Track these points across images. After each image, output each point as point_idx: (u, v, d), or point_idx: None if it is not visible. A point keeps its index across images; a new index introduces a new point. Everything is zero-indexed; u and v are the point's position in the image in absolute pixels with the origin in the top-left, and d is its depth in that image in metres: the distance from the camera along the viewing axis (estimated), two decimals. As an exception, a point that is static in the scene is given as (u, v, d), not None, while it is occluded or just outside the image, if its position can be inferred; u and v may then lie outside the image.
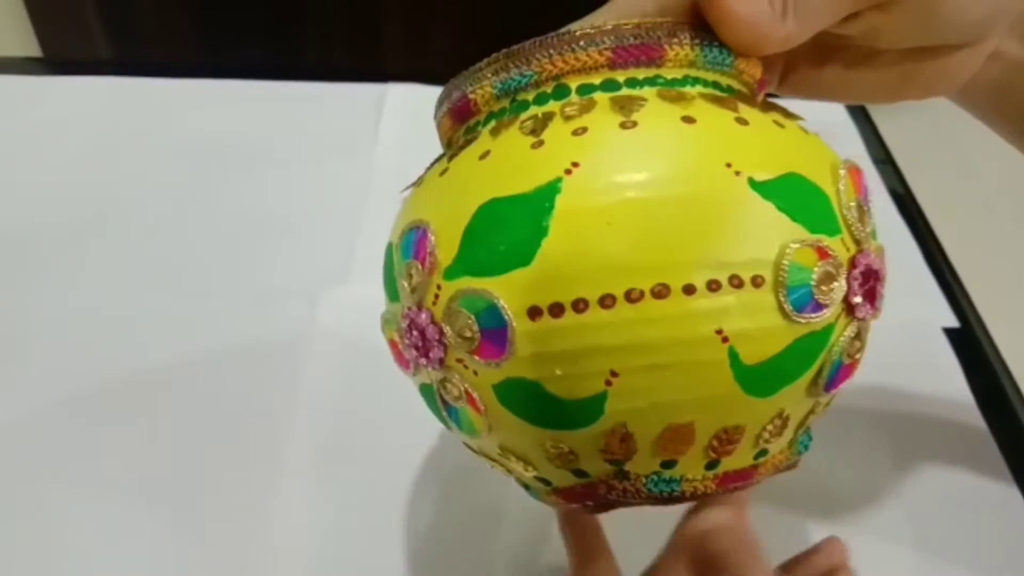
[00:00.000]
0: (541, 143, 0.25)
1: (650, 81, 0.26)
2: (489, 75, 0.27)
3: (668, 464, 0.26)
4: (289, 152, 0.63)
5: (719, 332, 0.24)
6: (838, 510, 0.42)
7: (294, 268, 0.54)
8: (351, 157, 0.62)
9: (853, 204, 0.26)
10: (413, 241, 0.26)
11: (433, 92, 0.30)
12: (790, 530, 0.41)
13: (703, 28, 0.27)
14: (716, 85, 0.27)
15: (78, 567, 0.39)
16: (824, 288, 0.24)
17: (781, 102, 0.29)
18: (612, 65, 0.26)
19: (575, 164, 0.24)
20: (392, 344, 0.29)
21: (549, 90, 0.27)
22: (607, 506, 0.28)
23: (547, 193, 0.24)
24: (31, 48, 1.25)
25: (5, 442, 0.43)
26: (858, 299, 0.25)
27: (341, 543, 0.40)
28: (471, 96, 0.28)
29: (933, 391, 0.48)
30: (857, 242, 0.26)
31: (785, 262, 0.24)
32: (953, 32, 0.30)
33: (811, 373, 0.25)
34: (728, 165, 0.24)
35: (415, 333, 0.26)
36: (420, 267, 0.26)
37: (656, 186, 0.24)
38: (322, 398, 0.46)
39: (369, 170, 0.60)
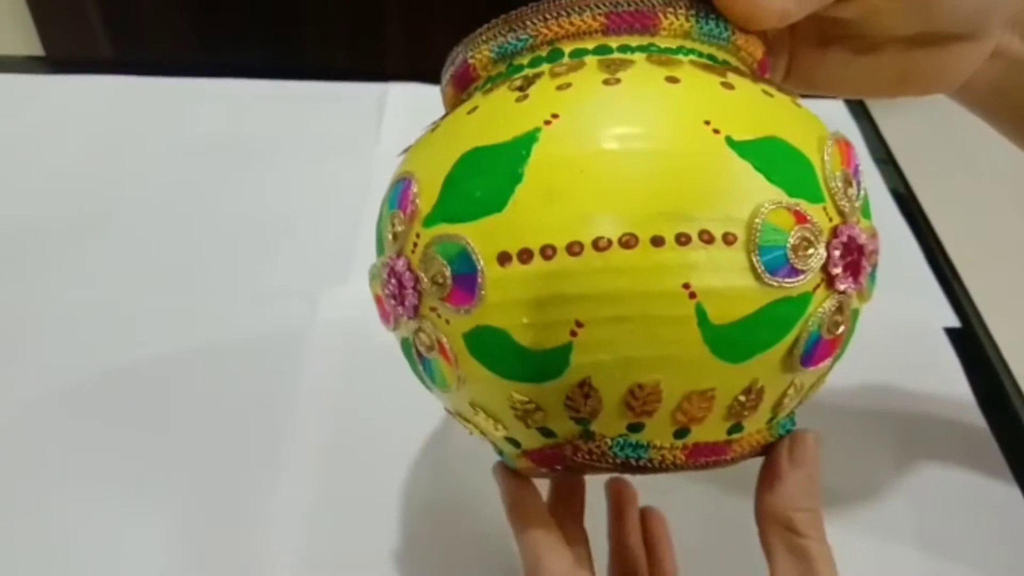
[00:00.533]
0: (526, 97, 0.25)
1: (643, 48, 0.27)
2: (487, 40, 0.28)
3: (635, 427, 0.26)
4: (291, 151, 0.63)
5: (686, 287, 0.23)
6: (840, 509, 0.42)
7: (295, 267, 0.54)
8: (353, 156, 0.62)
9: (839, 174, 0.25)
10: (398, 193, 0.27)
11: (435, 91, 0.30)
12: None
13: (704, 1, 0.27)
14: (711, 57, 0.27)
15: (78, 562, 0.39)
16: (800, 253, 0.24)
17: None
18: (606, 31, 0.27)
19: (555, 116, 0.25)
20: (377, 300, 0.30)
21: (544, 54, 0.27)
22: (576, 470, 0.28)
23: (525, 142, 0.24)
24: (33, 47, 1.25)
25: (5, 438, 0.43)
26: (838, 270, 0.25)
27: (341, 541, 0.40)
28: (471, 61, 0.28)
29: (934, 391, 0.48)
30: (841, 213, 0.25)
31: (758, 221, 0.24)
32: (948, 18, 0.30)
33: (786, 343, 0.25)
34: (707, 123, 0.24)
35: (393, 281, 0.27)
36: (402, 215, 0.26)
37: (632, 139, 0.24)
38: (323, 396, 0.46)
39: (370, 169, 0.60)
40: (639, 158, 0.24)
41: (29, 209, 0.57)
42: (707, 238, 0.23)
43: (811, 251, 0.24)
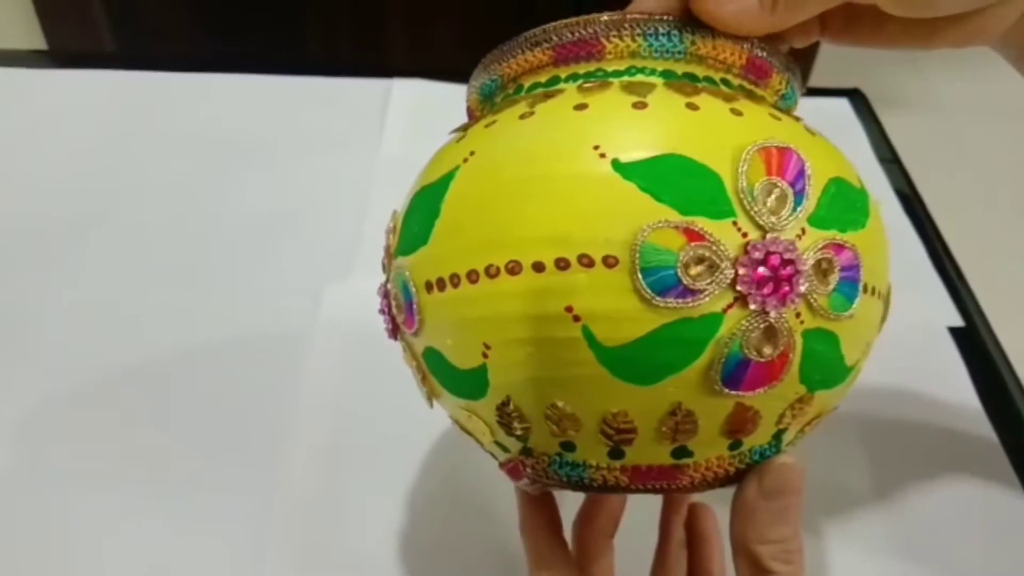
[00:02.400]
0: (463, 137, 0.28)
1: (589, 75, 0.27)
2: (474, 82, 0.30)
3: (567, 446, 0.27)
4: (294, 147, 0.63)
5: (569, 310, 0.24)
6: (841, 507, 0.42)
7: (298, 263, 0.54)
8: (356, 152, 0.62)
9: (759, 186, 0.24)
10: (387, 230, 0.30)
11: (438, 87, 0.30)
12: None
13: (664, 16, 0.28)
14: (667, 73, 0.27)
15: (78, 561, 0.39)
16: (693, 272, 0.24)
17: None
18: (555, 63, 0.28)
19: (472, 153, 0.27)
20: None
21: (511, 91, 0.29)
22: (545, 485, 0.28)
23: (446, 180, 0.27)
24: (36, 41, 1.25)
25: (6, 436, 0.43)
26: (751, 288, 0.24)
27: (341, 539, 0.40)
28: (468, 104, 0.31)
29: (938, 390, 0.48)
30: (760, 227, 0.24)
31: (638, 243, 0.24)
32: (956, 5, 0.29)
33: (700, 365, 0.24)
34: (596, 147, 0.25)
35: (383, 303, 0.30)
36: (386, 250, 0.30)
37: (523, 166, 0.25)
38: (324, 393, 0.46)
39: (374, 165, 0.60)
40: (528, 186, 0.25)
41: (30, 205, 0.57)
42: (587, 262, 0.24)
43: (711, 270, 0.24)
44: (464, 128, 0.29)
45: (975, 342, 0.52)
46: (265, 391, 0.46)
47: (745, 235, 0.24)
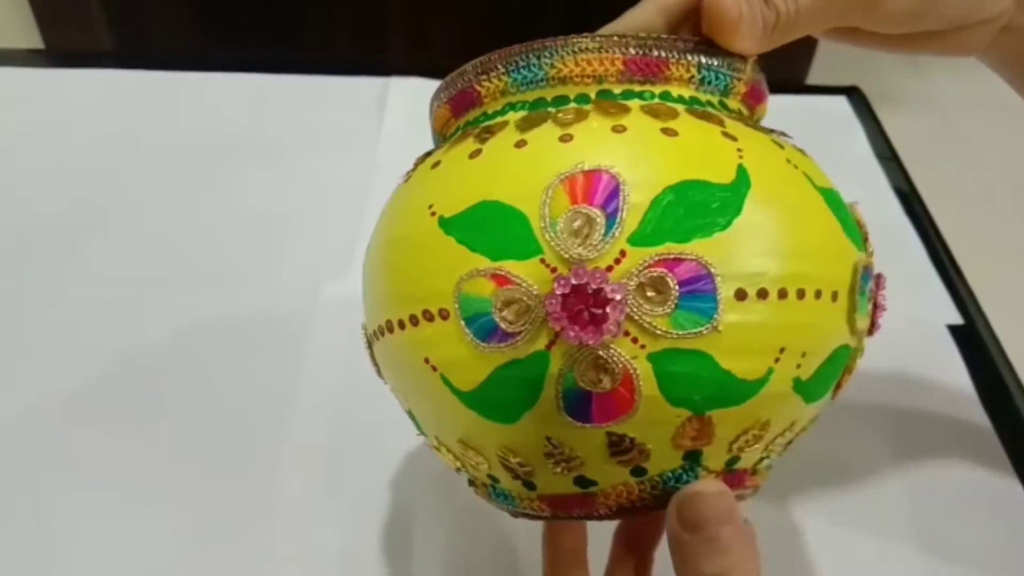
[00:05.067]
0: (410, 177, 0.30)
1: (474, 122, 0.28)
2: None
3: (492, 478, 0.28)
4: (292, 145, 0.63)
5: (427, 361, 0.26)
6: (841, 505, 0.42)
7: (297, 261, 0.54)
8: (354, 150, 0.62)
9: (563, 218, 0.24)
10: None
11: (436, 86, 0.30)
12: (793, 525, 0.41)
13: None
14: (536, 103, 0.27)
15: (77, 560, 0.39)
16: (508, 316, 0.24)
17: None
18: (455, 115, 0.30)
19: (386, 208, 0.30)
20: None
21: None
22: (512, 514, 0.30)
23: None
24: (34, 40, 1.25)
25: (6, 434, 0.43)
26: (561, 323, 0.23)
27: (341, 539, 0.40)
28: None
29: (937, 387, 0.48)
30: (567, 260, 0.24)
31: (458, 293, 0.25)
32: (942, 23, 0.31)
33: (545, 400, 0.25)
34: (430, 206, 0.26)
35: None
36: None
37: (387, 231, 0.28)
38: (324, 392, 0.46)
39: (372, 163, 0.60)
40: (388, 249, 0.28)
41: (29, 204, 0.57)
42: (428, 316, 0.26)
43: (524, 311, 0.24)
44: (415, 165, 0.30)
45: (974, 340, 0.52)
46: (264, 390, 0.46)
47: (554, 270, 0.24)
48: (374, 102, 0.66)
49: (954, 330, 0.52)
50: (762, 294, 0.24)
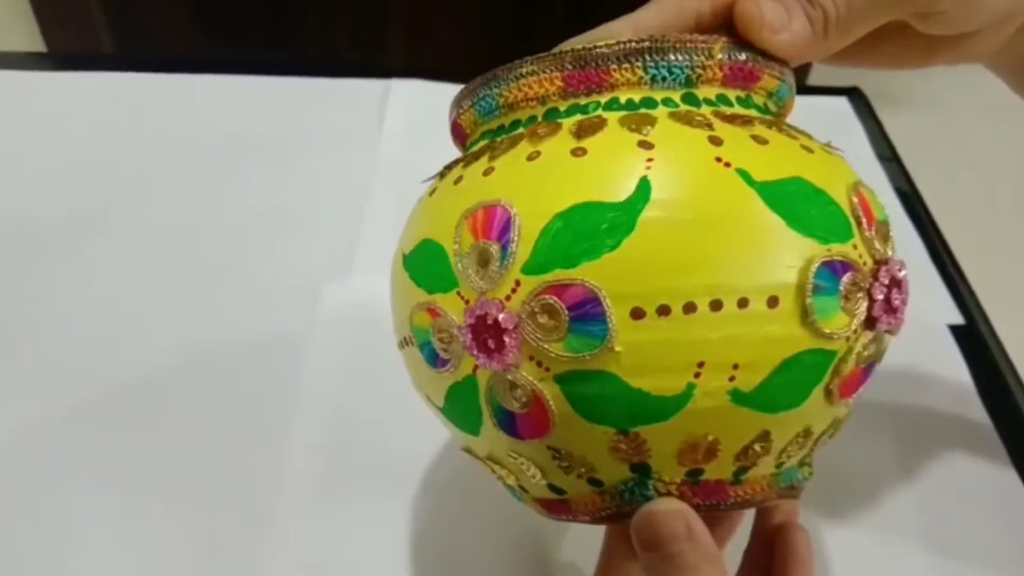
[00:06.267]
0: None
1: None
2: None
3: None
4: (293, 147, 0.63)
5: (415, 380, 0.30)
6: (842, 506, 0.42)
7: (297, 262, 0.54)
8: (355, 152, 0.62)
9: (468, 252, 0.25)
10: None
11: (437, 88, 0.30)
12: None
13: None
14: (488, 133, 0.29)
15: (77, 561, 0.39)
16: (442, 344, 0.26)
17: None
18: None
19: None
20: None
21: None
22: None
23: None
24: (35, 43, 1.25)
25: (6, 435, 0.43)
26: (472, 351, 0.25)
27: (341, 540, 0.40)
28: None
29: (938, 388, 0.48)
30: (474, 292, 0.25)
31: (411, 324, 0.28)
32: (983, 23, 0.30)
33: (486, 419, 0.26)
34: (400, 246, 0.30)
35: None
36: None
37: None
38: (325, 392, 0.46)
39: (373, 165, 0.60)
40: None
41: (29, 206, 0.57)
42: (407, 341, 0.29)
43: (451, 340, 0.26)
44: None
45: (975, 340, 0.52)
46: (265, 390, 0.46)
47: (466, 302, 0.25)
48: (375, 104, 0.66)
49: (955, 330, 0.52)
50: (663, 311, 0.23)
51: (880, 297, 0.26)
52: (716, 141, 0.25)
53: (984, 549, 0.41)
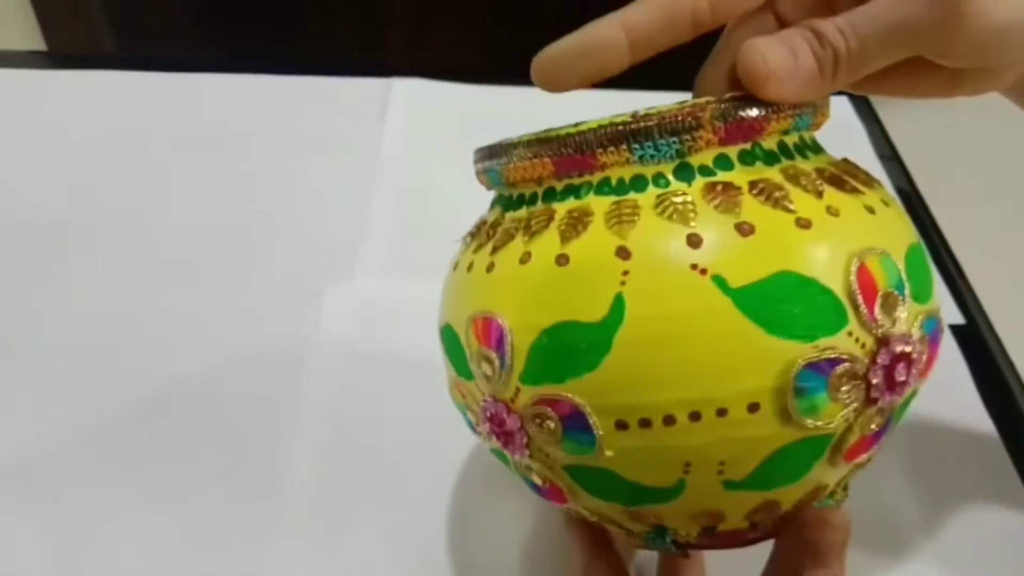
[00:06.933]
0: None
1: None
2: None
3: None
4: (294, 147, 0.63)
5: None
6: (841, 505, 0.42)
7: (299, 263, 0.54)
8: (357, 151, 0.62)
9: (476, 356, 0.27)
10: None
11: (438, 87, 0.30)
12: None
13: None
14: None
15: (79, 563, 0.39)
16: (474, 419, 0.30)
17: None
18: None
19: None
20: None
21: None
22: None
23: None
24: (36, 42, 1.25)
25: (6, 435, 0.43)
26: (494, 441, 0.29)
27: (343, 542, 0.40)
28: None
29: (939, 388, 0.48)
30: (487, 390, 0.27)
31: (453, 397, 0.31)
32: (1004, 59, 0.29)
33: (522, 481, 0.30)
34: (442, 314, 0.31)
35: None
36: None
37: None
38: (325, 391, 0.46)
39: (374, 165, 0.60)
40: None
41: (31, 207, 0.57)
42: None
43: (477, 422, 0.29)
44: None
45: (976, 340, 0.52)
46: (267, 391, 0.46)
47: (483, 394, 0.28)
48: (376, 103, 0.66)
49: (955, 330, 0.52)
50: (644, 423, 0.24)
51: (877, 380, 0.25)
52: (695, 242, 0.24)
53: (984, 549, 0.41)
